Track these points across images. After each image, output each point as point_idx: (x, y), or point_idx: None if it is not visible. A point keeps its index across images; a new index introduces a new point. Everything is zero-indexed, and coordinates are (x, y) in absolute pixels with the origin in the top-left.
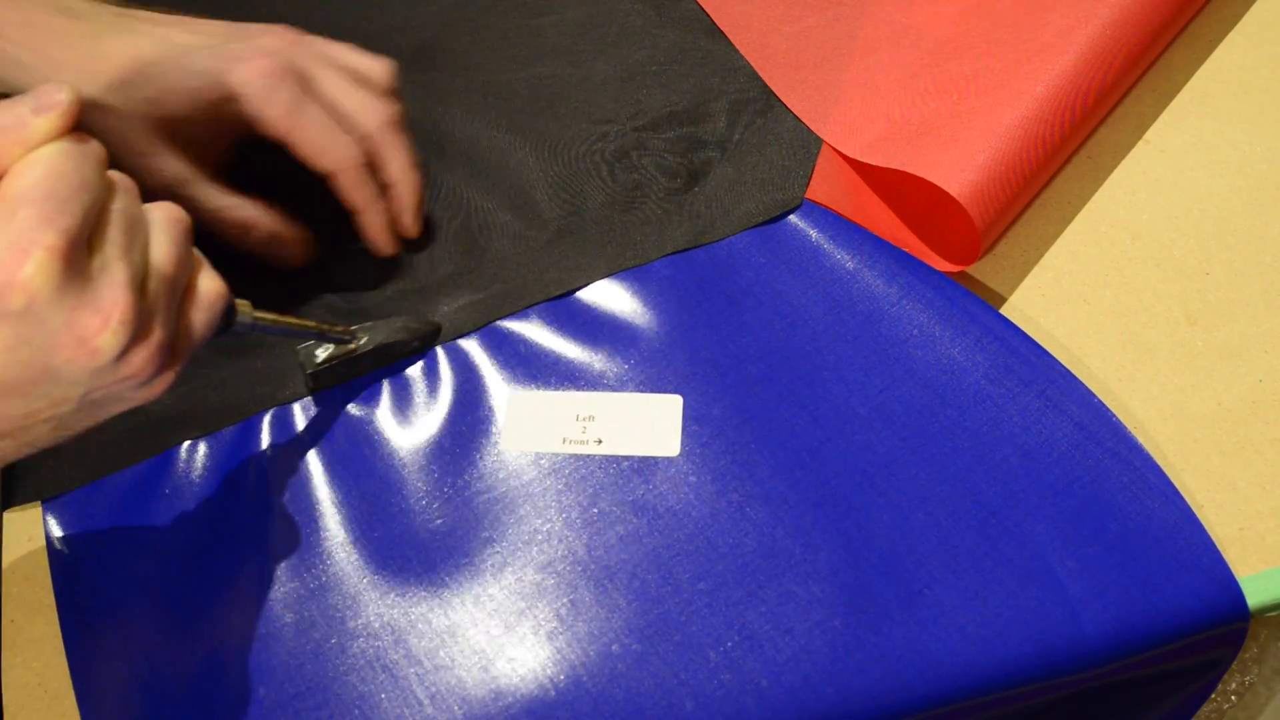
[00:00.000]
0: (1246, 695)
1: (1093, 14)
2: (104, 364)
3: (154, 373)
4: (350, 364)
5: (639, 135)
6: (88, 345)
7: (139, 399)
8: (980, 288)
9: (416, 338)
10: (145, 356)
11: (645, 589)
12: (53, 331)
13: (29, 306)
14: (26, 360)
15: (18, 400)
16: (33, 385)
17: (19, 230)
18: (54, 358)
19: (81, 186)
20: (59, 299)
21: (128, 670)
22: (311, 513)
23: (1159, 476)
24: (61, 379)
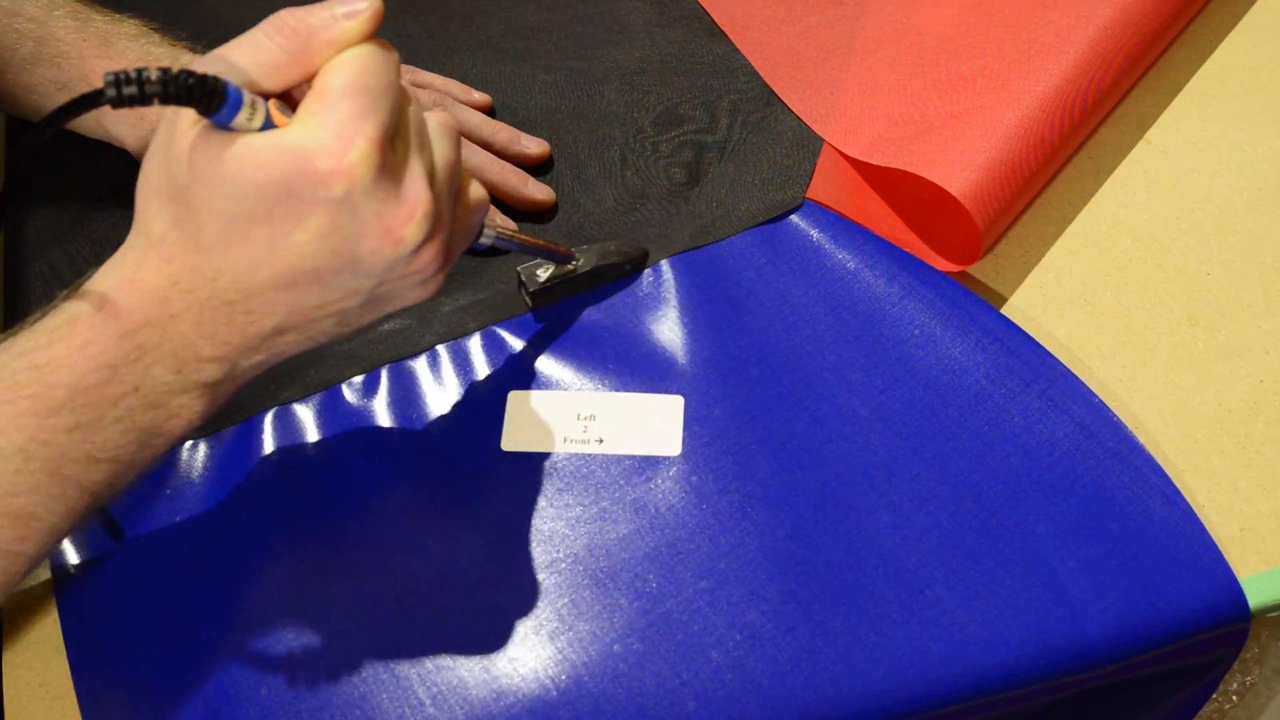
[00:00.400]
0: (1248, 695)
1: (1093, 14)
2: (404, 254)
3: (436, 269)
4: (569, 284)
5: (639, 135)
6: (394, 234)
7: (414, 298)
8: (981, 288)
9: (629, 260)
10: (434, 252)
11: (647, 588)
12: (364, 220)
13: (348, 194)
14: (336, 248)
15: (316, 289)
16: (334, 275)
17: (342, 121)
18: (361, 246)
19: (389, 86)
20: (374, 189)
21: (128, 670)
22: (311, 513)
23: (1160, 476)
24: (360, 269)
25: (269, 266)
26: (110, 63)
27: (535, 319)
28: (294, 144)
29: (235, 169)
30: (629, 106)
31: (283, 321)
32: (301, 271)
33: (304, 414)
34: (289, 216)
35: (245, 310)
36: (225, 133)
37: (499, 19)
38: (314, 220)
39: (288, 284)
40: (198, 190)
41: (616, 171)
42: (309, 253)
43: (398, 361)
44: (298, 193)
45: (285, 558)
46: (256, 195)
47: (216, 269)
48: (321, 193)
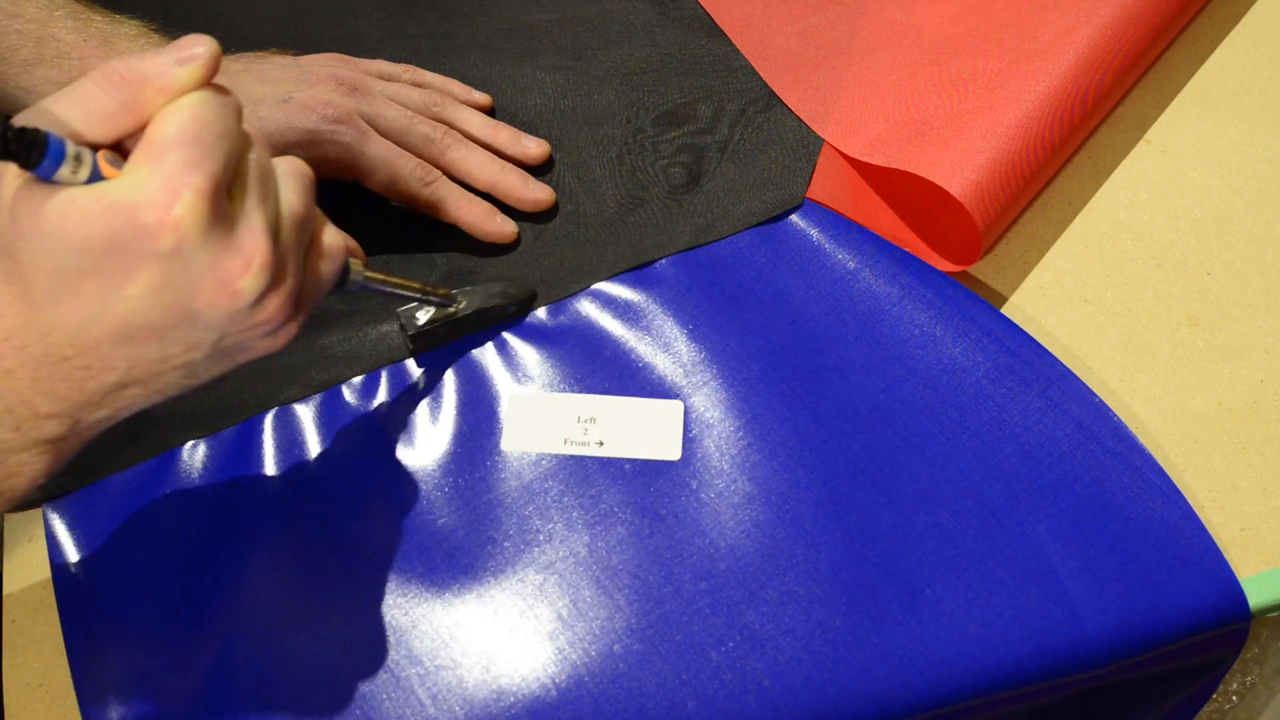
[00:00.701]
0: (1248, 695)
1: (1093, 14)
2: (243, 307)
3: (283, 320)
4: (450, 326)
5: (639, 135)
6: (229, 288)
7: (265, 349)
8: (981, 288)
9: (514, 302)
10: (278, 303)
11: (647, 589)
12: (197, 274)
13: (177, 247)
14: (169, 303)
15: (156, 344)
16: (171, 329)
17: (168, 173)
18: (196, 300)
19: (224, 134)
20: (205, 241)
21: (128, 670)
22: (312, 513)
23: (1160, 476)
24: (199, 323)
25: (102, 322)
26: None
27: (535, 317)
28: (118, 197)
29: (58, 223)
30: (629, 107)
31: (123, 376)
32: (136, 326)
33: (304, 414)
34: (118, 271)
35: (82, 366)
36: (49, 186)
37: (499, 19)
38: (144, 275)
39: (124, 339)
40: (22, 246)
41: (616, 172)
42: (142, 307)
43: (398, 362)
44: (125, 247)
45: (285, 558)
46: (81, 250)
47: (49, 324)
48: (149, 246)
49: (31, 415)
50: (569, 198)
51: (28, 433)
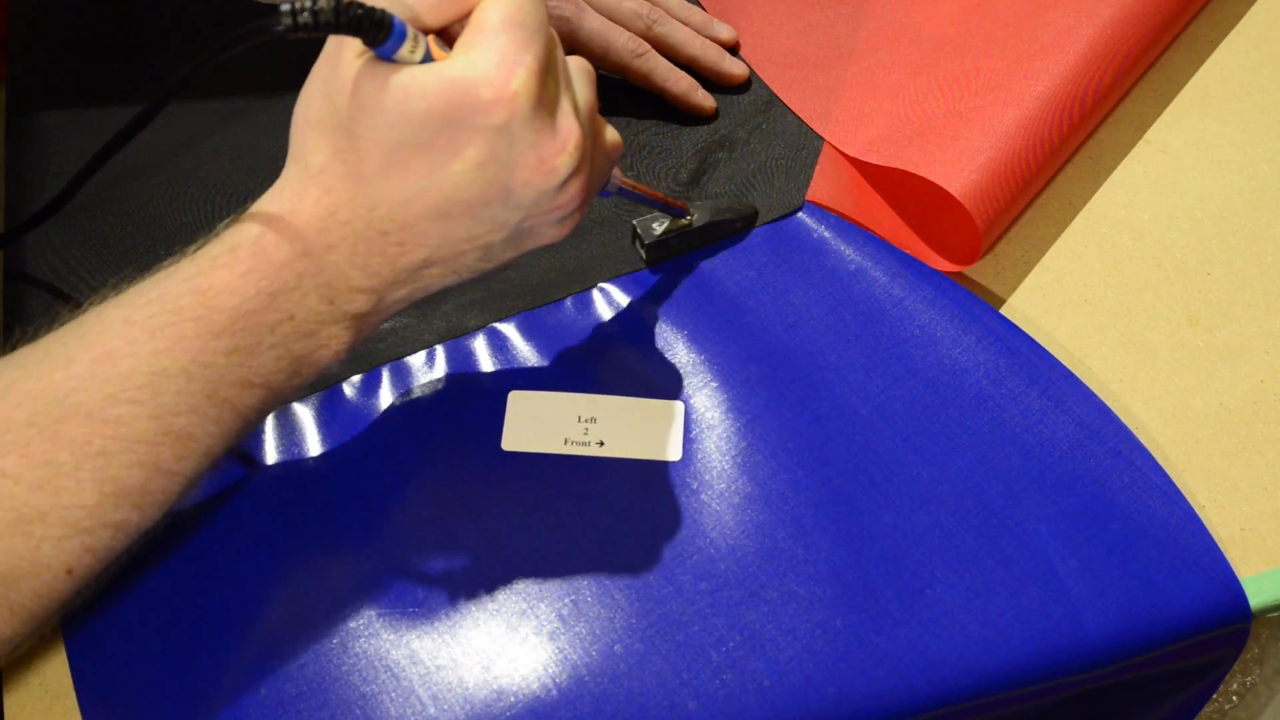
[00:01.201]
0: (1248, 696)
1: (1093, 14)
2: (553, 186)
3: (575, 207)
4: (683, 238)
5: (639, 136)
6: (547, 164)
7: (551, 236)
8: (981, 288)
9: (740, 218)
10: (578, 187)
11: (647, 589)
12: (520, 150)
13: (508, 123)
14: (491, 178)
15: (467, 222)
16: (486, 206)
17: (502, 53)
18: (515, 177)
19: (542, 24)
20: (531, 119)
21: (128, 670)
22: (312, 513)
23: (1160, 476)
24: (511, 200)
25: (426, 197)
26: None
27: (536, 317)
28: (458, 73)
29: (400, 98)
30: (629, 108)
31: (432, 254)
32: (456, 201)
33: (304, 414)
34: (449, 145)
35: (398, 241)
36: (389, 64)
37: None
38: (473, 149)
39: (441, 215)
40: (361, 119)
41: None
42: (465, 182)
43: (398, 360)
44: (459, 121)
45: (285, 558)
46: (420, 123)
47: (375, 199)
48: (483, 121)
49: (346, 289)
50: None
51: (340, 306)
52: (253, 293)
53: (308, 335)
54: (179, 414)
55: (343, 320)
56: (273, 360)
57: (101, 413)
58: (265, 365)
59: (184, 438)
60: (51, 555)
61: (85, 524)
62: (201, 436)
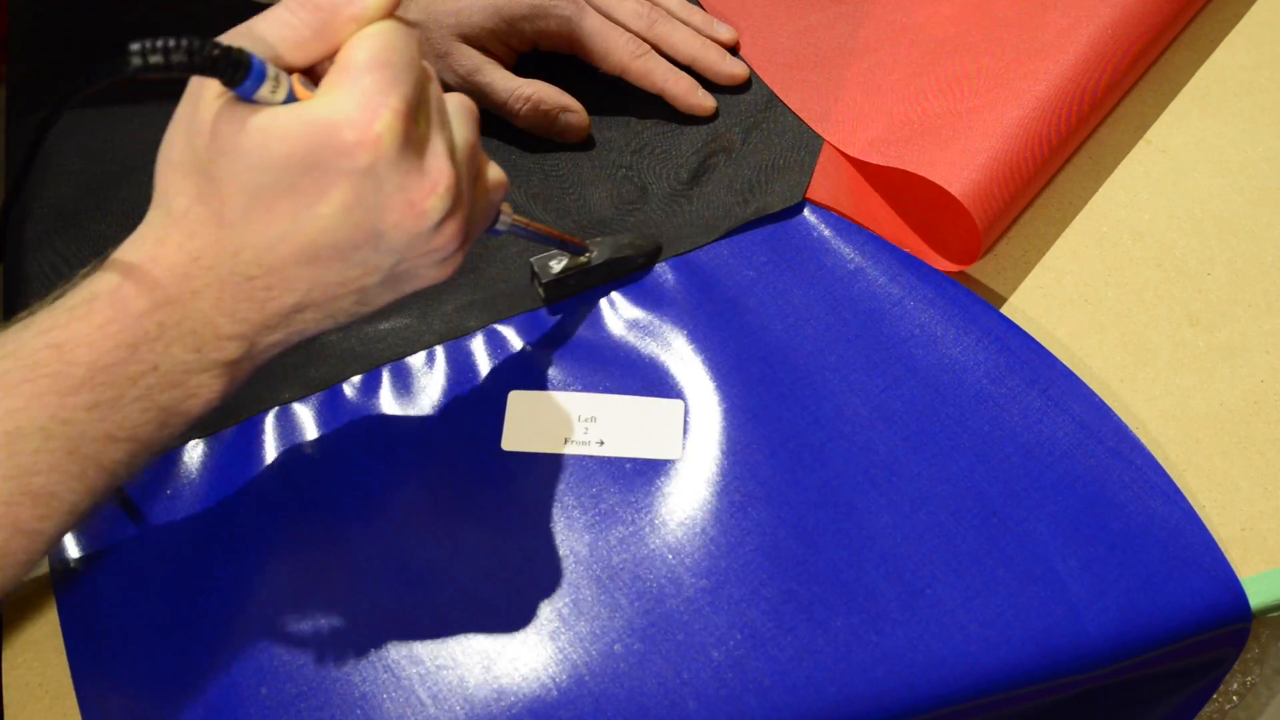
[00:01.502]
0: (1248, 695)
1: (1093, 14)
2: (426, 229)
3: (455, 249)
4: (582, 276)
5: (639, 137)
6: (417, 208)
7: (432, 277)
8: (981, 288)
9: (642, 253)
10: (454, 229)
11: (647, 589)
12: (387, 193)
13: (373, 165)
14: (358, 222)
15: (338, 266)
16: (356, 249)
17: (366, 93)
18: (384, 220)
19: (412, 61)
20: (397, 161)
21: (128, 670)
22: (312, 513)
23: (1161, 476)
24: (382, 244)
25: (291, 241)
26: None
27: (536, 317)
28: (319, 115)
29: (260, 140)
30: (629, 108)
31: (303, 298)
32: (324, 245)
33: (304, 414)
34: (313, 189)
35: (265, 286)
36: (250, 105)
37: None
38: (337, 192)
39: (309, 259)
40: (221, 162)
41: (616, 172)
42: (331, 226)
43: (398, 360)
44: (322, 164)
45: (285, 558)
46: (281, 166)
47: (239, 244)
48: (346, 163)
49: (214, 336)
50: (569, 199)
51: (208, 354)
52: (111, 345)
53: (174, 385)
54: (37, 473)
55: (212, 368)
56: (138, 413)
57: None
58: (130, 418)
59: (45, 497)
60: None
61: None
62: (65, 494)
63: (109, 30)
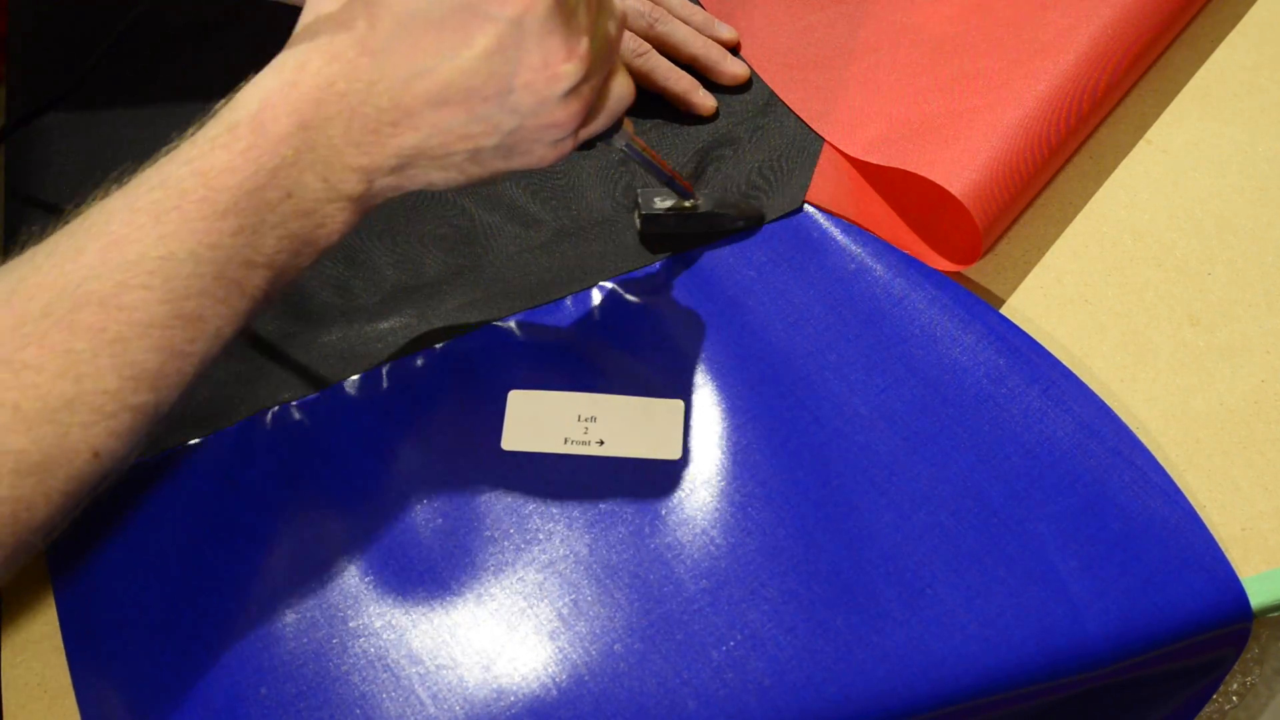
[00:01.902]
0: (1248, 696)
1: (1093, 14)
2: (554, 95)
3: (570, 130)
4: (681, 220)
5: (640, 136)
6: (551, 69)
7: (539, 158)
8: (981, 288)
9: (743, 216)
10: (577, 108)
11: (647, 588)
12: (528, 49)
13: (521, 17)
14: (495, 70)
15: (463, 114)
16: (484, 101)
17: None
18: (518, 76)
19: None
20: (545, 20)
21: (128, 670)
22: (312, 512)
23: (1161, 475)
24: (509, 101)
25: (427, 79)
26: None
27: (536, 316)
28: None
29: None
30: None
31: (423, 142)
32: (456, 89)
33: (304, 414)
34: (460, 29)
35: (392, 122)
36: None
37: None
38: (483, 37)
39: (439, 101)
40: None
41: (617, 172)
42: (468, 69)
43: (398, 360)
44: (475, 5)
45: (285, 557)
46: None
47: (377, 74)
48: (497, 9)
49: (340, 166)
50: (569, 199)
51: (335, 184)
52: (253, 170)
53: (306, 214)
54: (189, 297)
55: (338, 199)
56: (275, 239)
57: (115, 299)
58: (268, 244)
59: (195, 320)
60: (79, 440)
61: (109, 408)
62: (211, 318)
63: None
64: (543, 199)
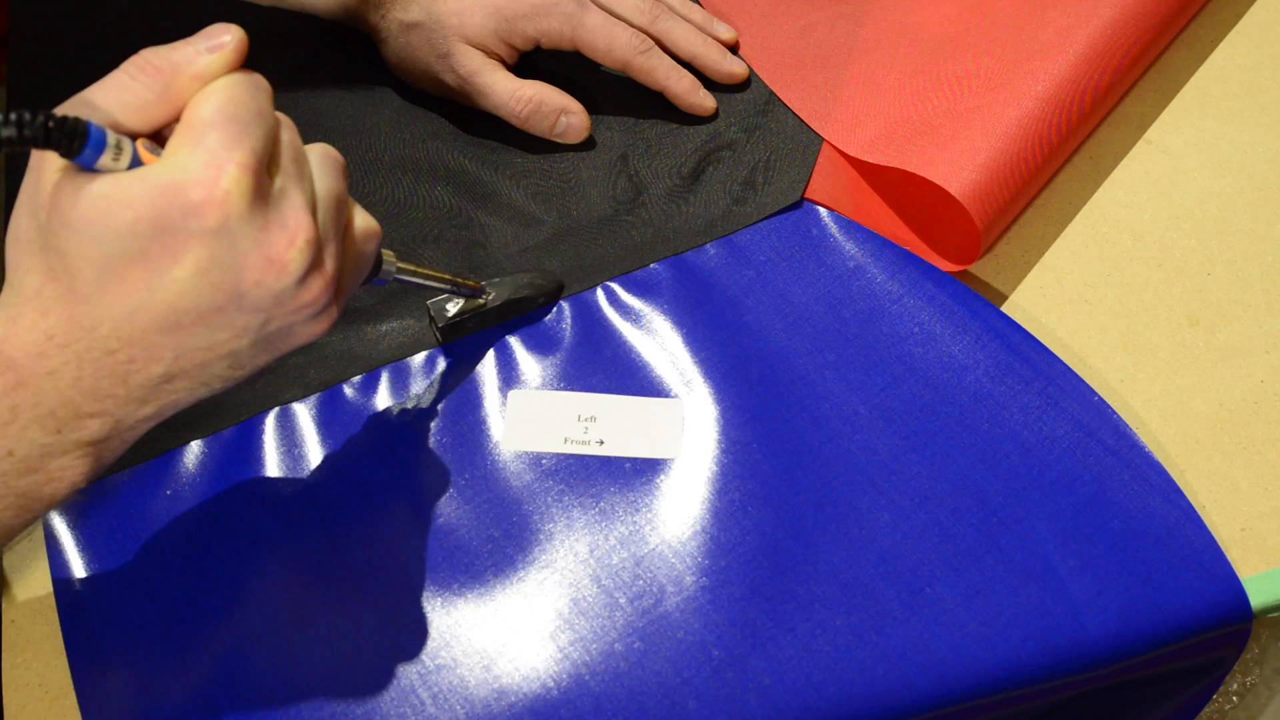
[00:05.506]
0: (1248, 696)
1: (1093, 14)
2: (289, 284)
3: (326, 303)
4: (479, 318)
5: (639, 136)
6: (276, 262)
7: (307, 335)
8: (981, 288)
9: (541, 293)
10: (322, 283)
11: (647, 588)
12: (243, 251)
13: (223, 224)
14: (217, 283)
15: (203, 331)
16: (219, 312)
17: (211, 151)
18: (243, 279)
19: (260, 113)
20: (250, 217)
21: (128, 670)
22: (312, 513)
23: (1160, 475)
24: (246, 303)
25: (149, 309)
26: None
27: (537, 317)
28: (163, 177)
29: (103, 208)
30: (629, 107)
31: (170, 367)
32: (184, 311)
33: (304, 414)
34: (164, 254)
35: (128, 359)
36: (90, 174)
37: None
38: (190, 255)
39: (171, 326)
40: (67, 236)
41: (616, 171)
42: (189, 290)
43: (398, 360)
44: (171, 227)
45: (285, 558)
46: (129, 234)
47: (95, 318)
48: (196, 224)
49: (73, 416)
50: (569, 199)
51: (69, 435)
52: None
53: (31, 470)
54: None
55: (74, 450)
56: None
57: None
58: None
59: None
60: None
61: None
62: None
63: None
64: (543, 199)
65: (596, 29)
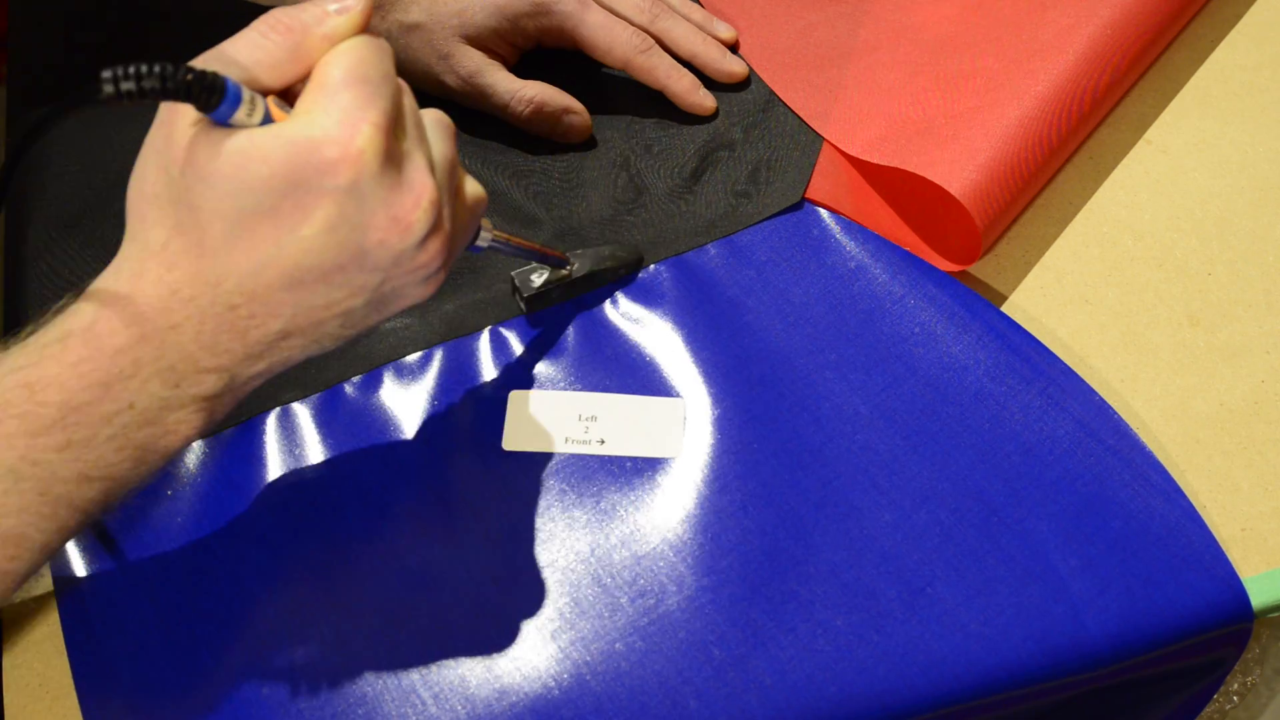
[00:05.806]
0: (1248, 695)
1: (1093, 14)
2: (411, 244)
3: (439, 266)
4: (563, 288)
5: (639, 137)
6: (401, 223)
7: (415, 297)
8: (982, 288)
9: (623, 264)
10: (438, 245)
11: (648, 587)
12: (371, 209)
13: (355, 182)
14: (343, 240)
15: (322, 288)
16: (341, 270)
17: (345, 110)
18: (368, 238)
19: (387, 76)
20: (380, 176)
21: (128, 670)
22: (312, 513)
23: (1161, 474)
24: (367, 262)
25: (275, 265)
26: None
27: (535, 320)
28: (299, 134)
29: (239, 163)
30: (629, 107)
31: (287, 324)
32: (309, 268)
33: (304, 414)
34: (296, 210)
35: (249, 315)
36: (225, 129)
37: None
38: (321, 212)
39: (294, 283)
40: (200, 189)
41: (616, 171)
42: (316, 247)
43: (398, 361)
44: (304, 183)
45: (286, 558)
46: (263, 189)
47: (221, 273)
48: (329, 181)
49: (192, 370)
50: (568, 198)
51: (186, 389)
52: (84, 384)
53: (151, 423)
54: (7, 515)
55: (190, 404)
56: (112, 452)
57: None
58: (104, 457)
59: (15, 538)
60: None
61: None
62: (36, 535)
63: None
64: (543, 199)
65: (597, 27)
